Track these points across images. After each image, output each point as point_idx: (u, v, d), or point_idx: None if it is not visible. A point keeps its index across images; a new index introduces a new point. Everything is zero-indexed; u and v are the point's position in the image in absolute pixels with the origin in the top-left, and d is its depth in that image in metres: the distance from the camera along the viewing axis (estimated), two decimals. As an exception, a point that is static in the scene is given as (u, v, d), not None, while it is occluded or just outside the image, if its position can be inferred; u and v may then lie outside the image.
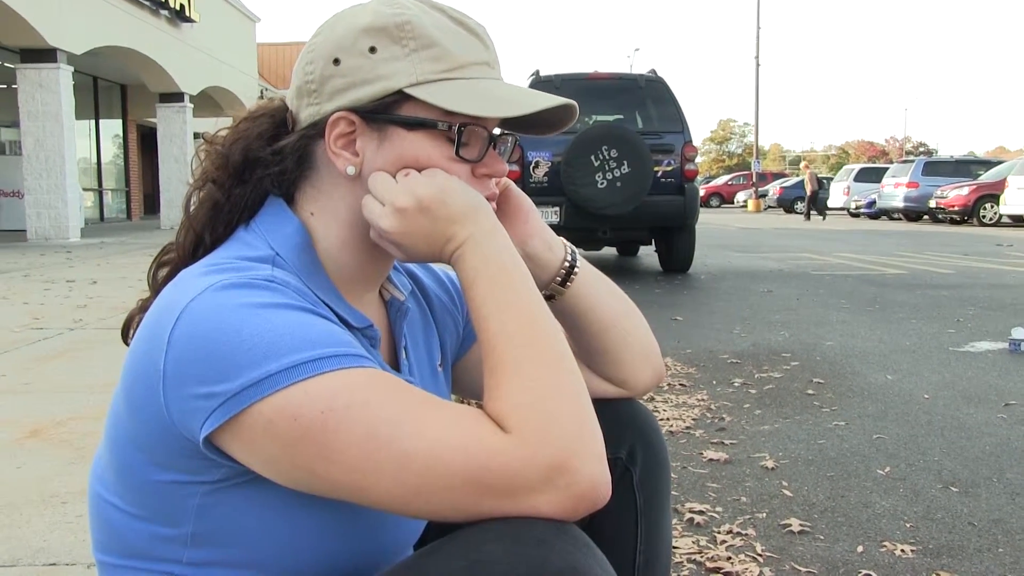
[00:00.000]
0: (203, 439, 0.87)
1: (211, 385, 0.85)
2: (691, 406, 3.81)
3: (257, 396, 0.84)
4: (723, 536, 2.40)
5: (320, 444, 0.84)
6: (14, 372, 3.85)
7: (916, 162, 26.02)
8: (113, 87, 21.82)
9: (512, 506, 0.84)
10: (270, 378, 0.84)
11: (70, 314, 5.50)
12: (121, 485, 0.97)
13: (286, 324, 0.88)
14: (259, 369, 0.84)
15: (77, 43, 13.62)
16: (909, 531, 2.45)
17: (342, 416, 0.84)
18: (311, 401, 0.84)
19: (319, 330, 0.89)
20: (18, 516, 2.16)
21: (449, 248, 0.98)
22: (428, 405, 0.87)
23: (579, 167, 8.69)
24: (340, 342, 0.89)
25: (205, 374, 0.85)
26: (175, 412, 0.88)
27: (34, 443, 2.78)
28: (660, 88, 9.57)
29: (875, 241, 16.16)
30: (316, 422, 0.84)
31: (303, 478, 0.87)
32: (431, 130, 1.00)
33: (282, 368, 0.84)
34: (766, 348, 5.24)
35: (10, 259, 9.78)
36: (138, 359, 0.92)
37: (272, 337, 0.86)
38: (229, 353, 0.85)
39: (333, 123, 1.01)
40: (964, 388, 4.18)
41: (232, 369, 0.85)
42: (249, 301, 0.89)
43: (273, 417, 0.84)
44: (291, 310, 0.90)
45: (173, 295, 0.92)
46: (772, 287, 8.50)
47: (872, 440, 3.32)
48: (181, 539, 0.94)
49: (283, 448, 0.85)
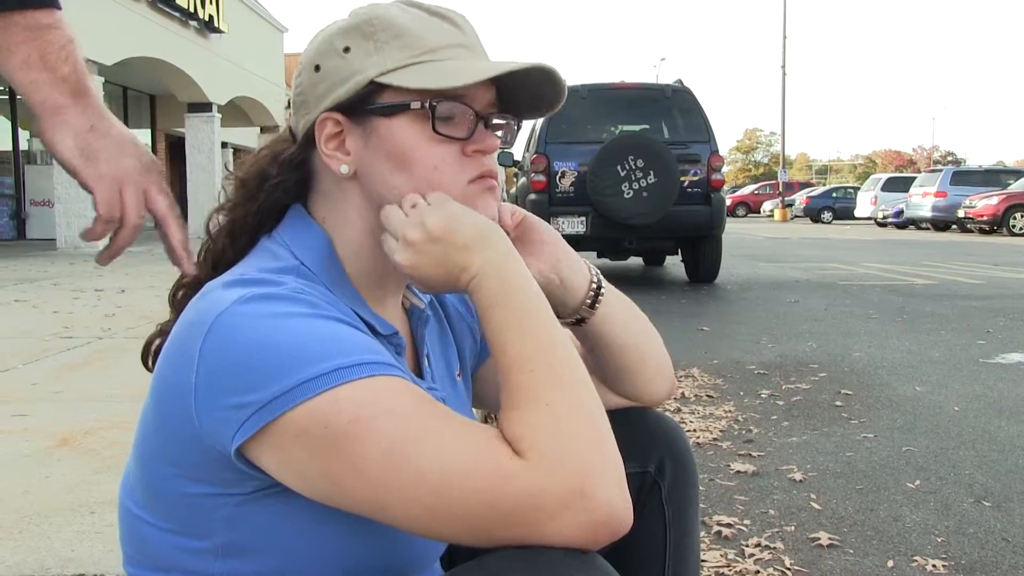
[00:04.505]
0: (235, 450, 0.87)
1: (243, 395, 0.86)
2: (718, 417, 3.79)
3: (289, 405, 0.85)
4: (751, 549, 2.38)
5: (346, 453, 0.84)
6: (44, 380, 3.88)
7: (944, 171, 25.83)
8: (142, 97, 22.01)
9: (529, 532, 0.82)
10: (301, 386, 0.85)
11: (99, 323, 5.54)
12: (151, 500, 0.98)
13: (314, 333, 0.88)
14: (290, 378, 0.85)
15: (108, 54, 13.75)
16: (940, 546, 2.42)
17: (367, 426, 0.84)
18: (340, 409, 0.84)
19: (347, 338, 0.90)
20: (47, 525, 2.17)
21: (464, 278, 0.97)
22: (449, 422, 0.86)
23: (605, 177, 8.68)
24: (368, 349, 0.90)
25: (237, 385, 0.86)
26: (207, 424, 0.88)
27: (63, 452, 2.79)
28: (686, 98, 9.53)
29: (903, 251, 16.03)
30: (343, 431, 0.84)
31: (328, 490, 0.87)
32: (408, 112, 1.02)
33: (312, 376, 0.85)
34: (793, 359, 5.21)
35: (40, 268, 9.88)
36: (168, 373, 0.93)
37: (301, 346, 0.87)
38: (260, 364, 0.86)
39: (320, 126, 1.04)
40: (995, 400, 4.13)
41: (263, 379, 0.85)
42: (277, 311, 0.90)
43: (304, 425, 0.85)
44: (319, 319, 0.91)
45: (201, 309, 0.93)
46: (799, 297, 8.44)
47: (901, 453, 3.29)
48: (211, 551, 0.95)
49: (312, 457, 0.85)
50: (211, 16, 17.61)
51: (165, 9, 15.80)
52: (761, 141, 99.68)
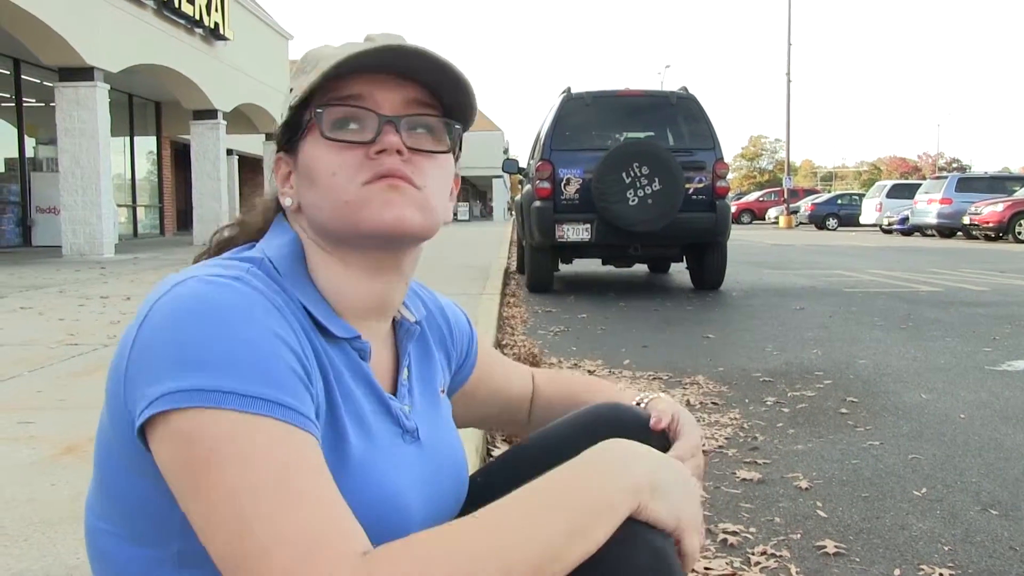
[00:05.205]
0: (138, 436, 0.89)
1: (148, 384, 0.86)
2: (723, 425, 3.78)
3: (171, 406, 0.84)
4: (757, 557, 2.37)
5: (194, 473, 0.84)
6: (49, 388, 3.88)
7: (949, 178, 25.80)
8: (148, 104, 22.09)
9: None
10: (187, 393, 0.84)
11: (104, 330, 5.54)
12: (109, 506, 0.98)
13: (228, 340, 0.87)
14: (184, 381, 0.85)
15: (114, 61, 13.80)
16: (947, 554, 2.41)
17: (220, 463, 0.83)
18: (209, 434, 0.83)
19: (258, 361, 0.87)
20: (52, 533, 2.17)
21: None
22: (301, 494, 0.83)
23: (610, 184, 8.69)
24: (273, 383, 0.87)
25: (148, 372, 0.87)
26: (130, 406, 0.89)
27: (69, 459, 2.79)
28: (691, 105, 9.55)
29: (908, 258, 16.01)
30: (200, 455, 0.83)
31: (177, 493, 0.86)
32: (311, 129, 1.03)
33: (202, 388, 0.84)
34: (799, 366, 5.20)
35: (46, 275, 9.89)
36: (114, 362, 0.94)
37: (207, 350, 0.86)
38: (166, 358, 0.86)
39: (275, 167, 1.10)
40: (1002, 408, 4.12)
41: (165, 372, 0.86)
42: (211, 297, 0.89)
43: (175, 429, 0.85)
44: (245, 325, 0.89)
45: (149, 294, 0.95)
46: (804, 304, 8.43)
47: (907, 460, 3.28)
48: (170, 560, 0.94)
49: (171, 459, 0.85)
50: (216, 24, 17.68)
51: (171, 17, 15.87)
52: (766, 148, 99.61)
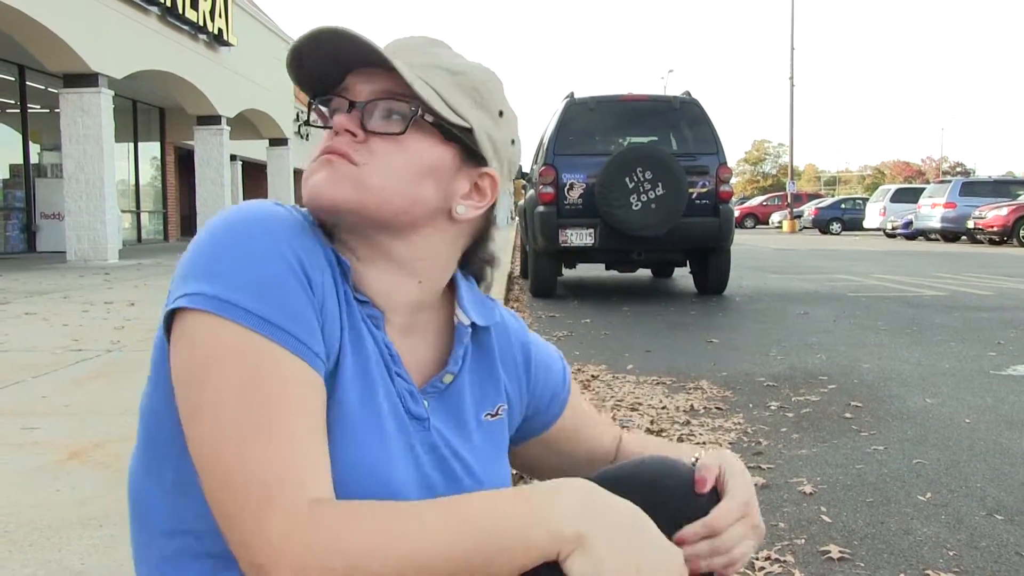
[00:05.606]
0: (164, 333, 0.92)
1: (180, 285, 0.90)
2: (727, 430, 3.78)
3: (188, 305, 0.87)
4: (761, 563, 2.36)
5: (189, 378, 0.87)
6: (54, 393, 3.89)
7: (953, 182, 25.78)
8: (152, 110, 22.11)
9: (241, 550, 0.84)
10: (204, 297, 0.87)
11: (108, 336, 5.55)
12: (147, 448, 0.99)
13: (258, 258, 0.89)
14: (205, 284, 0.87)
15: (118, 68, 13.82)
16: (952, 559, 2.40)
17: (215, 370, 0.86)
18: (214, 342, 0.86)
19: (280, 287, 0.89)
20: (58, 539, 2.18)
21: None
22: (282, 429, 0.85)
23: (614, 189, 8.69)
24: (291, 314, 0.89)
25: (185, 272, 0.91)
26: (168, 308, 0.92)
27: (73, 465, 2.80)
28: (694, 109, 9.55)
29: (912, 262, 16.00)
30: (199, 361, 0.86)
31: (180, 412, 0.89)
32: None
33: (221, 297, 0.86)
34: (803, 371, 5.19)
35: (50, 281, 9.91)
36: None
37: (235, 261, 0.88)
38: (198, 260, 0.90)
39: None
40: (1007, 413, 4.11)
41: (193, 273, 0.89)
42: (255, 216, 0.92)
43: (185, 330, 0.88)
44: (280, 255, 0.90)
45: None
46: (808, 309, 8.42)
47: (912, 465, 3.27)
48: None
49: (177, 366, 0.89)
50: (220, 30, 17.70)
51: (175, 23, 15.89)
52: (769, 152, 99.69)
